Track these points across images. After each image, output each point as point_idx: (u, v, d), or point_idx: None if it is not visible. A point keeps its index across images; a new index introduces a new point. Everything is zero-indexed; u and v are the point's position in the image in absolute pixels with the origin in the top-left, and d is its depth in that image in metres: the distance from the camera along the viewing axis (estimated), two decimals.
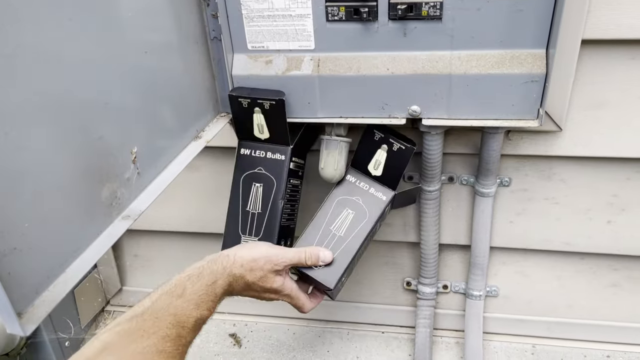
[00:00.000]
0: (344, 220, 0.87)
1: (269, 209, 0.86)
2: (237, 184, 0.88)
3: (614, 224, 0.99)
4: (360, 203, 0.87)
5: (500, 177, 0.97)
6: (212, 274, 0.71)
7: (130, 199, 0.69)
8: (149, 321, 0.63)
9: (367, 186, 0.88)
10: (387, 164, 0.87)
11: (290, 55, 0.82)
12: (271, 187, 0.86)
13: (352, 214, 0.87)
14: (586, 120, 0.88)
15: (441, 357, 1.15)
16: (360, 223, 0.86)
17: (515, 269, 1.09)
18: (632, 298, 1.08)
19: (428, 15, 0.74)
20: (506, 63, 0.76)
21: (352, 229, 0.86)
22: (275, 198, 0.86)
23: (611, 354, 1.12)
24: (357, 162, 0.89)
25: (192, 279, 0.69)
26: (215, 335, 1.25)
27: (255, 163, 0.87)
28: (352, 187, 0.89)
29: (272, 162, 0.86)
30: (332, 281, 0.82)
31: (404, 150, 0.85)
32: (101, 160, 0.63)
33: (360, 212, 0.87)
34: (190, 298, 0.67)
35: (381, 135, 0.86)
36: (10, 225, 0.50)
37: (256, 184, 0.87)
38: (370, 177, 0.88)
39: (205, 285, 0.70)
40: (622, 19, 0.77)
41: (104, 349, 0.58)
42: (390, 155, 0.86)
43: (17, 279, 0.50)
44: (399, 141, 0.85)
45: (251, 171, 0.87)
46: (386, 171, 0.87)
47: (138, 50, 0.68)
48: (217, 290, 0.71)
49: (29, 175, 0.52)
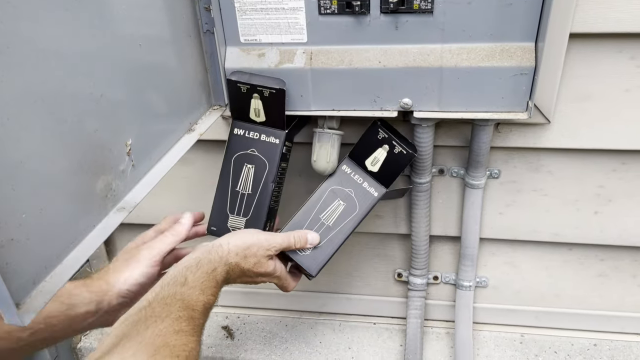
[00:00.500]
0: (334, 210, 0.88)
1: (259, 191, 0.87)
2: (228, 163, 0.88)
3: (601, 215, 1.01)
4: (352, 195, 0.88)
5: (490, 169, 0.98)
6: (210, 262, 0.72)
7: (125, 191, 0.69)
8: (159, 308, 0.63)
9: (361, 179, 0.89)
10: (385, 163, 0.87)
11: (282, 48, 0.82)
12: (263, 169, 0.86)
13: (342, 205, 0.88)
14: (573, 113, 0.89)
15: (432, 347, 1.17)
16: (349, 215, 0.87)
17: (504, 260, 1.11)
18: (618, 287, 1.11)
19: (419, 8, 0.75)
20: (496, 56, 0.77)
21: (341, 221, 0.87)
22: (267, 180, 0.86)
23: (598, 342, 1.15)
24: (355, 155, 0.89)
25: (191, 269, 0.70)
26: (207, 328, 1.25)
27: (248, 144, 0.87)
28: (346, 178, 0.89)
29: (266, 145, 0.86)
30: (315, 268, 0.86)
31: (405, 154, 0.86)
32: (96, 152, 0.63)
33: (351, 204, 0.88)
34: (193, 285, 0.68)
35: (385, 135, 0.86)
36: (7, 216, 0.50)
37: (248, 165, 0.87)
38: (366, 171, 0.89)
39: (205, 273, 0.71)
40: (609, 12, 0.79)
41: (121, 341, 0.58)
42: (390, 156, 0.86)
43: (15, 270, 0.51)
44: (402, 145, 0.85)
45: (244, 152, 0.87)
46: (383, 169, 0.88)
47: (133, 44, 0.68)
48: (217, 277, 0.72)
49: (25, 166, 0.52)
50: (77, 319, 0.74)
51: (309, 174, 0.99)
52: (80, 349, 1.24)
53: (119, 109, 0.67)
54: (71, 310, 0.73)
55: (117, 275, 0.78)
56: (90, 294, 0.75)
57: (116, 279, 0.77)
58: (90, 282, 0.77)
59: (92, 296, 0.75)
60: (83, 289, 0.75)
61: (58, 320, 0.72)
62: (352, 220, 0.87)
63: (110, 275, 0.78)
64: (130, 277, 0.77)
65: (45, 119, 0.55)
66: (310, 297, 1.24)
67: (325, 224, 0.87)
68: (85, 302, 0.74)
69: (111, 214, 0.66)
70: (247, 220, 0.87)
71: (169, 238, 0.83)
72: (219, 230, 0.89)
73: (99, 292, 0.76)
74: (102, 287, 0.76)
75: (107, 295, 0.76)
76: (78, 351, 1.24)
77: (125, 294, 0.77)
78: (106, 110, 0.64)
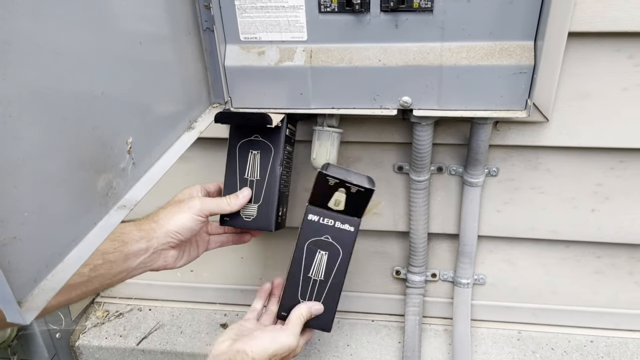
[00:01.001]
0: (319, 263, 0.87)
1: (267, 175, 0.87)
2: (234, 152, 0.89)
3: (598, 213, 1.01)
4: (330, 240, 0.86)
5: (488, 167, 0.99)
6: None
7: (125, 189, 0.69)
8: None
9: (332, 221, 0.86)
10: (348, 202, 0.84)
11: (282, 46, 0.82)
12: (269, 153, 0.87)
13: (325, 255, 0.86)
14: (572, 111, 0.90)
15: (430, 344, 1.17)
16: (336, 261, 0.86)
17: (502, 257, 1.12)
18: (614, 285, 1.11)
19: (419, 7, 0.75)
20: (495, 55, 0.77)
21: (331, 269, 0.86)
22: (274, 164, 0.87)
23: (594, 338, 1.16)
24: (315, 202, 0.86)
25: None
26: (206, 326, 1.26)
27: (252, 130, 0.87)
28: (316, 227, 0.86)
29: (269, 130, 0.86)
30: (330, 325, 0.89)
31: (364, 192, 0.82)
32: (97, 150, 0.63)
33: (333, 249, 0.86)
34: None
35: (336, 181, 0.82)
36: (10, 214, 0.50)
37: (253, 152, 0.87)
38: (333, 211, 0.86)
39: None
40: (607, 11, 0.79)
41: None
42: (350, 197, 0.84)
43: (17, 268, 0.51)
44: (357, 184, 0.82)
45: (248, 139, 0.88)
46: (348, 206, 0.85)
47: (133, 41, 0.68)
48: None
49: (27, 165, 0.52)
50: (130, 255, 0.78)
51: (308, 172, 0.99)
52: (78, 347, 1.24)
53: (120, 106, 0.67)
54: (124, 247, 0.77)
55: (167, 217, 0.82)
56: (140, 232, 0.79)
57: (167, 221, 0.81)
58: (140, 223, 0.81)
59: (142, 234, 0.79)
60: (133, 228, 0.79)
61: (114, 256, 0.76)
62: (341, 264, 0.86)
63: (160, 217, 0.82)
64: (180, 220, 0.82)
65: (46, 116, 0.55)
66: None
67: (317, 280, 0.87)
68: (135, 239, 0.79)
69: (112, 212, 0.66)
70: (259, 207, 0.88)
71: (223, 204, 0.86)
72: (232, 221, 0.90)
73: (149, 231, 0.80)
74: (152, 226, 0.81)
75: (156, 234, 0.80)
76: (76, 349, 1.24)
77: (173, 234, 0.81)
78: (107, 108, 0.64)
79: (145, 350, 1.22)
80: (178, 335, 1.24)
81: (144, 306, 1.32)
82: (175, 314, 1.29)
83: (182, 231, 0.82)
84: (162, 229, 0.81)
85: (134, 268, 0.80)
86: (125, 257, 0.78)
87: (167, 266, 0.84)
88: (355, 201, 0.84)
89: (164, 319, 1.28)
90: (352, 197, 0.83)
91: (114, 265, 0.77)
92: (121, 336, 1.25)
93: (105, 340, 1.24)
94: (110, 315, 1.30)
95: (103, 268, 0.76)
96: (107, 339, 1.24)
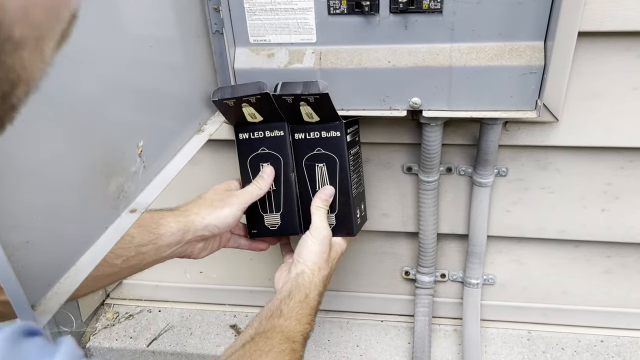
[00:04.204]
0: (321, 175, 0.87)
1: (282, 184, 0.88)
2: (245, 168, 0.89)
3: (608, 212, 1.01)
4: (324, 151, 0.86)
5: (498, 167, 0.99)
6: (300, 290, 0.79)
7: (136, 192, 0.69)
8: (261, 342, 0.69)
9: (317, 133, 0.86)
10: (318, 111, 0.83)
11: (292, 48, 0.83)
12: (278, 163, 0.88)
13: (324, 166, 0.87)
14: (581, 111, 0.90)
15: (440, 344, 1.17)
16: (336, 168, 0.86)
17: (511, 257, 1.12)
18: (625, 284, 1.11)
19: (429, 8, 0.75)
20: (505, 55, 0.77)
21: (334, 178, 0.87)
22: (286, 173, 0.88)
23: (605, 338, 1.15)
24: (291, 122, 0.86)
25: (284, 301, 0.77)
26: (216, 327, 1.26)
27: (257, 144, 0.88)
28: (306, 143, 0.87)
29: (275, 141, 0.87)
30: (352, 228, 0.89)
31: (320, 98, 0.80)
32: (108, 153, 0.64)
33: (329, 159, 0.86)
34: (289, 316, 0.74)
35: (292, 97, 0.81)
36: (23, 219, 0.50)
37: (263, 164, 0.88)
38: (313, 124, 0.85)
39: (298, 302, 0.77)
40: (617, 10, 0.79)
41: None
42: (314, 106, 0.82)
43: (30, 272, 0.51)
44: (311, 93, 0.79)
45: (256, 153, 0.88)
46: (322, 116, 0.83)
47: (144, 45, 0.69)
48: (311, 303, 0.78)
49: (40, 169, 0.52)
50: (163, 247, 0.78)
51: None
52: (89, 348, 1.24)
53: (131, 110, 0.67)
54: (159, 239, 0.77)
55: (207, 210, 0.82)
56: (178, 224, 0.79)
57: (207, 213, 0.81)
58: (178, 213, 0.81)
59: (179, 226, 0.79)
60: (170, 219, 0.79)
61: (147, 248, 0.77)
62: (341, 170, 0.86)
63: (200, 209, 0.82)
64: (222, 214, 0.82)
65: (59, 121, 0.55)
66: None
67: None
68: (172, 232, 0.78)
69: (123, 215, 0.66)
70: (281, 215, 0.89)
71: (254, 190, 0.87)
72: (259, 232, 0.91)
73: (187, 223, 0.80)
74: (190, 218, 0.81)
75: (195, 226, 0.80)
76: (87, 350, 1.25)
77: (211, 228, 0.82)
78: (118, 112, 0.64)
79: (156, 351, 1.23)
80: (188, 337, 1.24)
81: (154, 308, 1.32)
82: (184, 315, 1.30)
83: (221, 225, 0.82)
84: (203, 222, 0.81)
85: (164, 257, 0.80)
86: (158, 249, 0.78)
87: (190, 256, 0.85)
88: (321, 108, 0.82)
89: (173, 321, 1.29)
90: (316, 106, 0.82)
91: (145, 257, 0.77)
92: (131, 337, 1.25)
93: (116, 341, 1.25)
94: (121, 317, 1.30)
95: (135, 259, 0.76)
96: (117, 341, 1.25)
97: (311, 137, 0.86)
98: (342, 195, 0.87)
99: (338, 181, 0.87)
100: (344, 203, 0.87)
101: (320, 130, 0.85)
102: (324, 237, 0.84)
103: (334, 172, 0.87)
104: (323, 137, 0.85)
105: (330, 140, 0.85)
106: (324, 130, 0.85)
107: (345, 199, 0.87)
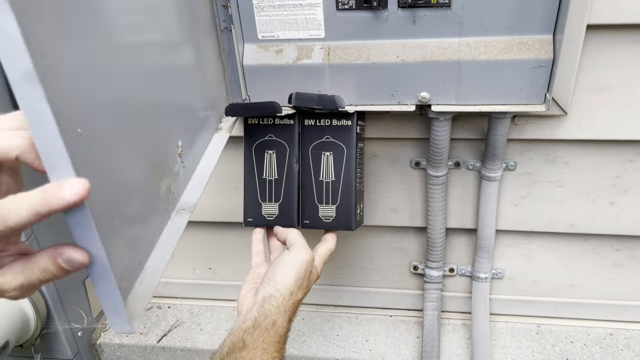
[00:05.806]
0: (327, 164, 0.86)
1: (285, 173, 0.88)
2: (250, 154, 0.89)
3: (617, 205, 1.01)
4: (332, 139, 0.86)
5: (506, 162, 0.99)
6: (266, 317, 0.71)
7: (179, 192, 0.69)
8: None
9: (328, 120, 0.86)
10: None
11: (300, 44, 0.83)
12: (284, 152, 0.88)
13: (331, 155, 0.86)
14: (590, 104, 0.90)
15: (449, 338, 1.18)
16: (342, 159, 0.86)
17: (519, 252, 1.12)
18: (634, 277, 1.11)
19: (437, 2, 0.76)
20: (514, 49, 0.77)
21: (339, 169, 0.86)
22: (290, 162, 0.88)
23: (614, 331, 1.15)
24: (299, 110, 0.86)
25: (248, 331, 0.70)
26: (225, 323, 1.27)
27: (265, 131, 0.88)
28: (314, 129, 0.86)
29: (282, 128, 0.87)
30: (352, 223, 0.88)
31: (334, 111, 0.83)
32: (159, 155, 0.63)
33: (337, 148, 0.86)
34: (253, 347, 0.68)
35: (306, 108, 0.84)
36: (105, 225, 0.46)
37: (269, 151, 0.88)
38: (324, 112, 0.86)
39: (264, 329, 0.70)
40: (626, 3, 0.79)
41: None
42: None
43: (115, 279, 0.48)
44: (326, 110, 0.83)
45: (262, 139, 0.88)
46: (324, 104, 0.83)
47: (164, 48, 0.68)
48: (279, 330, 0.71)
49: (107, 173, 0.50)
50: None
51: None
52: (100, 345, 1.25)
53: (169, 111, 0.67)
54: None
55: None
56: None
57: None
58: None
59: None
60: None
61: None
62: (347, 161, 0.85)
63: None
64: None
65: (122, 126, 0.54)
66: (326, 290, 1.25)
67: (328, 182, 0.86)
68: None
69: (173, 217, 0.66)
70: (279, 205, 0.89)
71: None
72: (255, 221, 0.90)
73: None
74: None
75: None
76: (98, 347, 1.26)
77: None
78: (161, 114, 0.64)
79: (166, 347, 1.23)
80: (198, 333, 1.25)
81: (163, 304, 1.33)
82: (194, 311, 1.31)
83: None
84: None
85: None
86: None
87: None
88: (334, 113, 0.84)
89: (183, 317, 1.29)
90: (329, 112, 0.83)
91: None
92: (141, 334, 1.26)
93: (126, 338, 1.26)
94: None
95: None
96: (127, 337, 1.26)
97: (321, 124, 0.86)
98: (345, 187, 0.86)
99: (343, 172, 0.86)
100: (347, 195, 0.87)
101: (331, 118, 0.86)
102: (304, 261, 0.77)
103: (340, 162, 0.86)
104: (334, 124, 0.85)
105: (340, 128, 0.85)
106: (335, 117, 0.85)
107: (348, 191, 0.87)
